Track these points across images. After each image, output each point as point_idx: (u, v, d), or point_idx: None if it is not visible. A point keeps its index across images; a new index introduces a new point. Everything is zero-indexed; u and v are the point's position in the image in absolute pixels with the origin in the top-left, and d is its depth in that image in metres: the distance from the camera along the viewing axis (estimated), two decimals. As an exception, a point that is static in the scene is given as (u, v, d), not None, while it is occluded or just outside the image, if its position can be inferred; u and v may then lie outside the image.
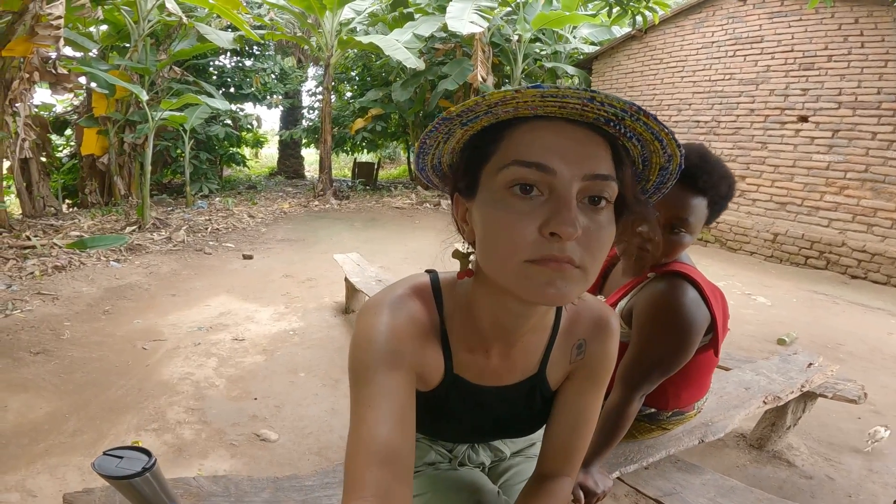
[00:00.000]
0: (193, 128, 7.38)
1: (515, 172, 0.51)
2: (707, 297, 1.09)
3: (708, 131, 6.54)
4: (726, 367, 1.98)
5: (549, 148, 0.51)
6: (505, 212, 0.52)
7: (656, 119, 0.51)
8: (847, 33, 5.17)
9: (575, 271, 0.51)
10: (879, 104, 4.95)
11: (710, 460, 2.06)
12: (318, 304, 3.77)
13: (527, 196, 0.51)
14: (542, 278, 0.51)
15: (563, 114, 0.52)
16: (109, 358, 2.77)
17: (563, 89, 0.48)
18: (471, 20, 6.88)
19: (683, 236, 1.09)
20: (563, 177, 0.50)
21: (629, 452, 1.30)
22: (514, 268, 0.52)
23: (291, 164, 13.43)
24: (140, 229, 5.64)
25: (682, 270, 1.11)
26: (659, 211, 1.07)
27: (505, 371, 0.72)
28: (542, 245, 0.50)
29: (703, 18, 6.54)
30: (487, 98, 0.51)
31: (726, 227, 6.30)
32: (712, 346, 1.17)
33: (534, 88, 0.48)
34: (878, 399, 2.62)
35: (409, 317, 0.66)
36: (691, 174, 1.06)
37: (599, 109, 0.50)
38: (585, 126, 0.53)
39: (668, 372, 1.11)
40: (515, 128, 0.54)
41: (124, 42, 7.27)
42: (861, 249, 5.06)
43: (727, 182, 1.09)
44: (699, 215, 1.08)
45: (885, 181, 4.91)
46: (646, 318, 1.10)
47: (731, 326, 3.62)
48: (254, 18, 8.51)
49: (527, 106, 0.51)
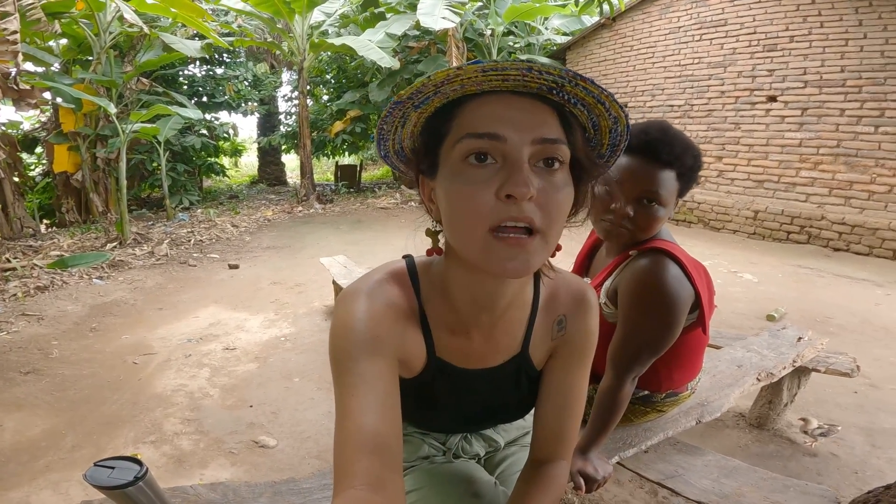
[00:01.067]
0: (168, 139, 7.25)
1: (469, 144, 0.54)
2: (690, 273, 1.10)
3: (682, 115, 6.63)
4: (717, 345, 1.99)
5: (498, 118, 0.54)
6: (463, 183, 0.54)
7: (593, 82, 0.53)
8: (806, 13, 5.30)
9: (534, 242, 0.54)
10: (844, 81, 5.07)
11: (712, 442, 2.06)
12: (308, 308, 3.74)
13: (482, 165, 0.54)
14: (504, 253, 0.53)
15: (507, 87, 0.55)
16: (101, 374, 2.76)
17: (503, 62, 0.51)
18: (442, 16, 6.85)
19: (657, 209, 1.10)
20: (514, 143, 0.53)
21: (627, 437, 1.30)
22: (479, 240, 0.54)
23: (272, 172, 13.26)
24: (121, 245, 5.53)
25: (664, 247, 1.11)
26: (630, 186, 1.10)
27: (489, 352, 0.73)
28: (501, 209, 0.53)
29: (668, 4, 6.62)
30: (433, 78, 0.53)
31: (708, 208, 6.39)
32: (700, 324, 1.17)
33: (474, 64, 0.51)
34: (873, 372, 2.64)
35: (387, 302, 0.66)
36: (654, 148, 1.08)
37: (539, 78, 0.53)
38: (531, 96, 0.55)
39: (658, 351, 1.11)
40: (465, 105, 0.56)
41: (87, 55, 7.11)
42: (841, 222, 5.16)
43: (691, 153, 1.10)
44: (669, 187, 1.10)
45: (857, 155, 5.02)
46: (630, 298, 1.11)
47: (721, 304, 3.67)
48: (221, 26, 8.38)
49: (472, 82, 0.53)
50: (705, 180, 6.41)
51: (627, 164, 1.10)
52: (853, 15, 4.94)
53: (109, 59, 6.79)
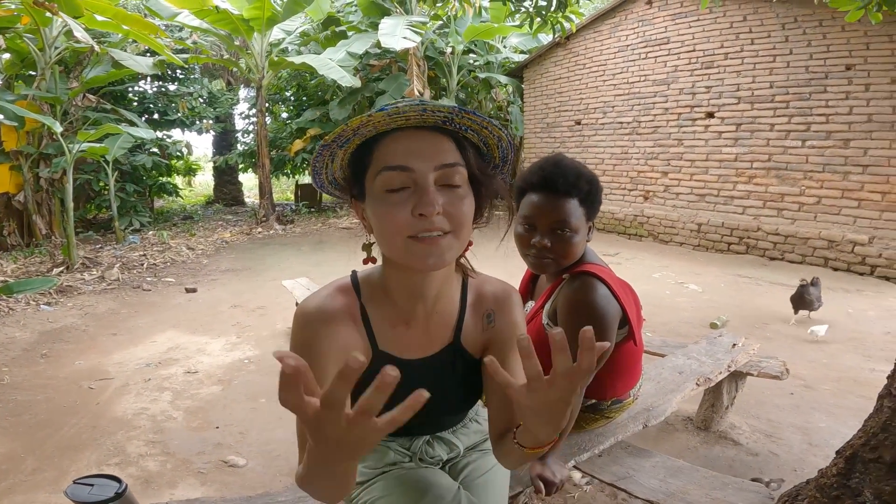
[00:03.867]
0: (117, 158, 7.00)
1: (386, 176, 0.69)
2: (616, 292, 1.23)
3: (631, 131, 6.90)
4: (662, 353, 2.14)
5: (407, 152, 0.68)
6: (386, 205, 0.69)
7: (475, 113, 0.69)
8: (738, 31, 5.60)
9: (445, 240, 0.69)
10: (773, 97, 5.39)
11: (664, 444, 2.18)
12: (271, 331, 3.72)
13: (398, 191, 0.68)
14: (421, 252, 0.69)
15: (411, 124, 0.69)
16: (56, 399, 2.70)
17: (402, 106, 0.65)
18: (403, 36, 6.95)
19: (570, 236, 1.23)
20: (421, 171, 0.68)
21: (581, 442, 1.41)
22: (401, 245, 0.69)
23: (229, 191, 12.90)
24: (68, 270, 5.31)
25: (591, 270, 1.25)
26: (541, 220, 1.24)
27: (426, 342, 0.86)
28: (416, 223, 0.67)
29: (618, 23, 6.88)
30: (350, 124, 0.67)
31: (657, 221, 6.69)
32: (631, 337, 1.31)
33: (380, 111, 0.65)
34: (807, 373, 2.84)
35: (336, 307, 0.80)
36: (551, 181, 1.22)
37: (433, 115, 0.68)
38: (431, 129, 0.70)
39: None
40: (381, 141, 0.70)
41: (30, 70, 6.83)
42: (775, 233, 5.50)
43: (585, 179, 1.24)
44: (576, 214, 1.23)
45: (787, 168, 5.36)
46: (566, 316, 1.23)
47: (668, 314, 3.87)
48: (175, 42, 8.20)
49: (382, 124, 0.68)
50: (653, 195, 6.72)
51: (535, 201, 1.24)
52: (780, 31, 5.25)
53: (54, 75, 6.53)
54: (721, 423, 2.27)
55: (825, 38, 4.94)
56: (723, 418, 2.27)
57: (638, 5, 6.57)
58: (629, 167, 7.02)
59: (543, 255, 1.25)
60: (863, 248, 4.87)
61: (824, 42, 4.95)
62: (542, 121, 8.35)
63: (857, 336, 3.43)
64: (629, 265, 5.48)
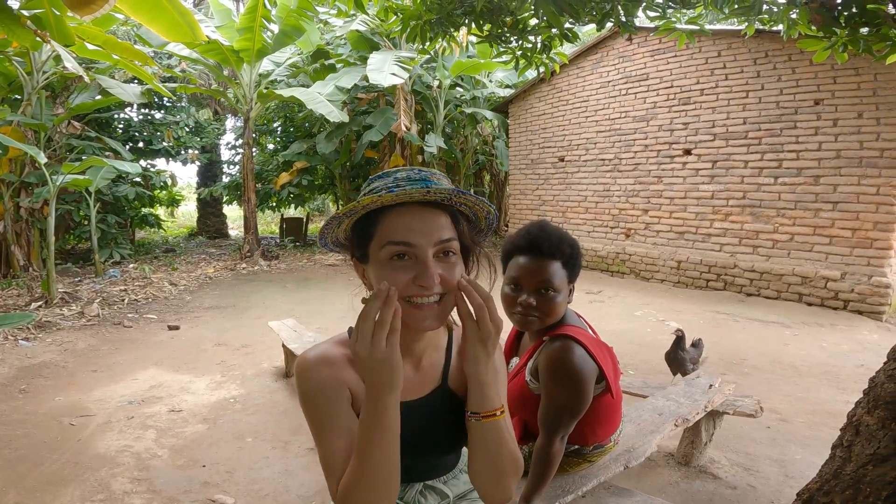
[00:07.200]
0: (99, 189, 6.91)
1: (391, 249, 0.79)
2: (592, 352, 1.33)
3: (612, 168, 7.05)
4: (643, 395, 2.22)
5: (410, 229, 0.78)
6: (389, 271, 0.79)
7: (468, 194, 0.81)
8: (713, 66, 5.81)
9: (439, 307, 0.80)
10: (746, 133, 5.57)
11: (647, 480, 2.24)
12: (256, 370, 3.69)
13: (401, 261, 0.79)
14: (419, 315, 0.79)
15: (413, 199, 0.80)
16: (36, 434, 2.67)
17: (410, 190, 0.76)
18: (391, 72, 7.07)
19: (554, 295, 1.35)
20: (422, 246, 0.78)
21: (565, 484, 1.46)
22: (401, 306, 0.77)
23: (213, 223, 12.75)
24: (47, 305, 5.21)
25: (570, 333, 1.35)
26: (527, 280, 1.36)
27: (418, 384, 0.94)
28: (414, 289, 0.78)
29: (599, 59, 7.08)
30: (361, 202, 0.78)
31: (638, 259, 6.81)
32: (608, 391, 1.41)
33: (389, 193, 0.76)
34: (783, 407, 2.93)
35: (336, 355, 0.88)
36: (537, 244, 1.35)
37: (435, 195, 0.79)
38: (431, 205, 0.81)
39: (576, 415, 1.33)
40: (386, 215, 0.80)
41: (16, 94, 6.76)
42: (751, 269, 5.64)
43: (567, 243, 1.37)
44: (559, 275, 1.34)
45: (760, 206, 5.53)
46: (547, 374, 1.34)
47: (651, 353, 3.98)
48: (163, 70, 8.19)
49: (389, 201, 0.78)
50: (634, 233, 6.86)
51: (522, 263, 1.36)
52: (752, 66, 5.42)
53: (41, 100, 6.50)
54: (701, 457, 2.34)
55: (794, 72, 5.16)
56: (702, 453, 2.34)
57: (618, 42, 6.78)
58: (611, 204, 7.16)
59: (529, 312, 1.35)
60: (835, 283, 5.04)
61: (794, 77, 5.16)
62: (526, 157, 8.49)
63: (832, 369, 3.56)
64: (612, 303, 5.53)
